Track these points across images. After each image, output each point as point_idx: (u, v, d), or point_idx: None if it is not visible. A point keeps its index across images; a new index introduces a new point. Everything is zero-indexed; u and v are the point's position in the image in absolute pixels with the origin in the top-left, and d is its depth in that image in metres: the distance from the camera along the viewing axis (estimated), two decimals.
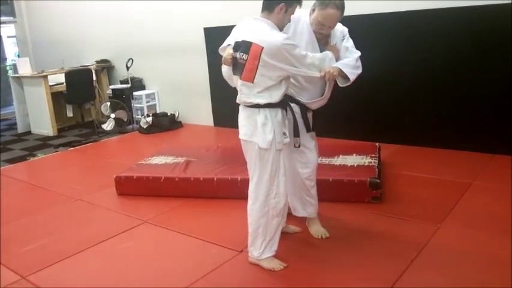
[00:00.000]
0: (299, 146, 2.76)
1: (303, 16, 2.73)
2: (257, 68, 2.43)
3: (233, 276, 2.68)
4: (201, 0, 6.18)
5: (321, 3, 2.62)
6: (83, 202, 4.02)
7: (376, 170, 3.63)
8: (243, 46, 2.48)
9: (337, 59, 2.69)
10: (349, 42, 2.79)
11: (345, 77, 2.68)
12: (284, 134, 2.61)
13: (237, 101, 2.64)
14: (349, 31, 2.85)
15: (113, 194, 4.08)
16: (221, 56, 2.68)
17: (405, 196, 3.60)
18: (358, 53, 2.76)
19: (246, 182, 3.67)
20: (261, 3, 2.57)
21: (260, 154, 2.56)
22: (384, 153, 4.29)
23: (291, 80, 2.70)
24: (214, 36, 6.17)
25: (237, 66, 2.54)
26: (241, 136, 2.64)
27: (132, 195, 3.99)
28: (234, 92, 3.01)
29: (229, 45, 2.63)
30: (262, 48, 2.39)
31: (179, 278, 2.68)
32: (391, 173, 4.05)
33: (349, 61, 2.70)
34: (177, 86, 6.88)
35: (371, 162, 3.80)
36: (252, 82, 2.48)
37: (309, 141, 2.91)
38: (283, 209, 2.68)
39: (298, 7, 2.54)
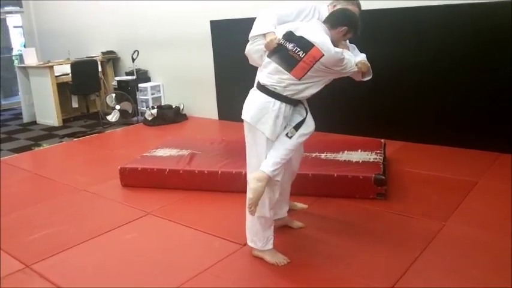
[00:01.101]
0: (291, 137, 2.65)
1: (322, 10, 2.77)
2: (310, 69, 2.50)
3: (236, 269, 2.69)
4: None
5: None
6: (87, 193, 4.03)
7: (381, 166, 3.61)
8: (301, 42, 2.52)
9: None
10: (354, 46, 2.90)
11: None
12: (285, 128, 2.63)
13: (259, 80, 2.63)
14: None
15: (117, 185, 4.08)
16: (228, 50, 2.70)
17: (410, 193, 3.59)
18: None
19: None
20: None
21: (267, 143, 2.57)
22: (389, 149, 4.28)
23: None
24: (221, 29, 6.16)
25: (283, 55, 2.55)
26: (247, 119, 2.62)
27: (136, 187, 4.00)
28: (239, 85, 2.99)
29: (271, 32, 2.64)
30: (323, 55, 2.46)
31: (182, 270, 2.69)
32: (396, 170, 4.04)
33: (364, 57, 2.80)
34: (183, 78, 6.88)
35: (376, 158, 3.79)
36: (299, 80, 2.52)
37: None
38: (275, 200, 2.71)
39: (351, 34, 2.66)
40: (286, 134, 2.61)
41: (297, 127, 2.63)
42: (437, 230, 2.97)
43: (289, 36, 2.57)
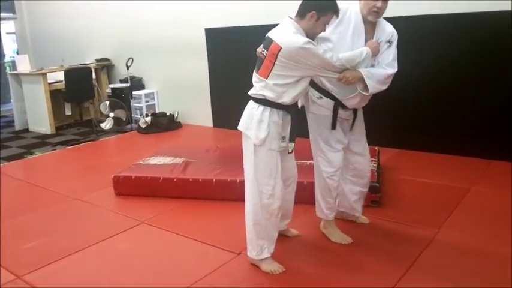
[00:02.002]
0: (292, 152, 2.69)
1: (351, 5, 2.71)
2: (273, 66, 2.45)
3: (231, 278, 2.67)
4: (202, 1, 6.18)
5: None
6: (81, 201, 4.00)
7: (375, 173, 3.62)
8: (266, 42, 2.52)
9: (375, 55, 2.67)
10: (393, 52, 2.75)
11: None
12: (283, 137, 2.60)
13: (248, 93, 2.63)
14: None
15: (110, 193, 4.05)
16: (223, 58, 2.70)
17: (404, 200, 3.60)
18: (394, 70, 2.72)
19: (244, 184, 3.68)
20: (262, 5, 2.57)
21: (255, 150, 2.57)
22: (383, 157, 4.29)
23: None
24: (215, 37, 6.18)
25: (258, 60, 2.57)
26: (239, 127, 2.65)
27: (130, 196, 3.97)
28: (233, 92, 2.99)
29: None
30: (280, 48, 2.41)
31: (177, 279, 2.67)
32: (390, 177, 4.05)
33: (378, 73, 2.67)
34: (177, 86, 6.87)
35: (370, 165, 3.79)
36: (266, 78, 2.49)
37: (335, 141, 2.87)
38: (277, 211, 2.67)
39: (334, 16, 2.53)
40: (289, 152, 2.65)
41: (292, 138, 2.62)
42: (432, 236, 2.98)
43: (264, 41, 2.58)
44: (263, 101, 2.53)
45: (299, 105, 2.85)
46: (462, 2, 4.26)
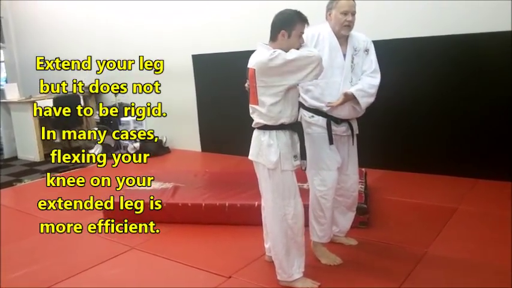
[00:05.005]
0: (305, 169, 2.75)
1: (322, 28, 2.86)
2: (256, 90, 2.52)
3: None
4: (189, 27, 6.28)
5: None
6: (70, 228, 3.98)
7: (363, 195, 3.66)
8: (247, 73, 2.61)
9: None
10: (375, 60, 2.99)
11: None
12: (295, 156, 2.62)
13: (252, 125, 2.70)
14: None
15: (100, 219, 4.05)
16: (210, 83, 2.76)
17: (392, 221, 3.64)
18: (378, 80, 2.94)
19: (234, 208, 3.71)
20: (248, 31, 2.64)
21: (269, 175, 2.60)
22: (369, 178, 4.34)
23: (310, 87, 2.82)
24: (203, 63, 6.26)
25: (249, 92, 2.65)
26: (249, 156, 2.70)
27: (119, 221, 3.97)
28: (221, 117, 3.02)
29: None
30: (254, 69, 2.50)
31: None
32: (377, 198, 4.09)
33: (368, 87, 2.88)
34: (165, 111, 6.90)
35: (358, 187, 3.83)
36: (257, 104, 2.55)
37: (330, 160, 2.92)
38: (302, 230, 2.69)
39: (306, 25, 2.56)
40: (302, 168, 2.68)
41: (303, 155, 2.65)
42: (420, 256, 3.02)
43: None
44: (266, 127, 2.58)
45: None
46: (443, 25, 4.40)
